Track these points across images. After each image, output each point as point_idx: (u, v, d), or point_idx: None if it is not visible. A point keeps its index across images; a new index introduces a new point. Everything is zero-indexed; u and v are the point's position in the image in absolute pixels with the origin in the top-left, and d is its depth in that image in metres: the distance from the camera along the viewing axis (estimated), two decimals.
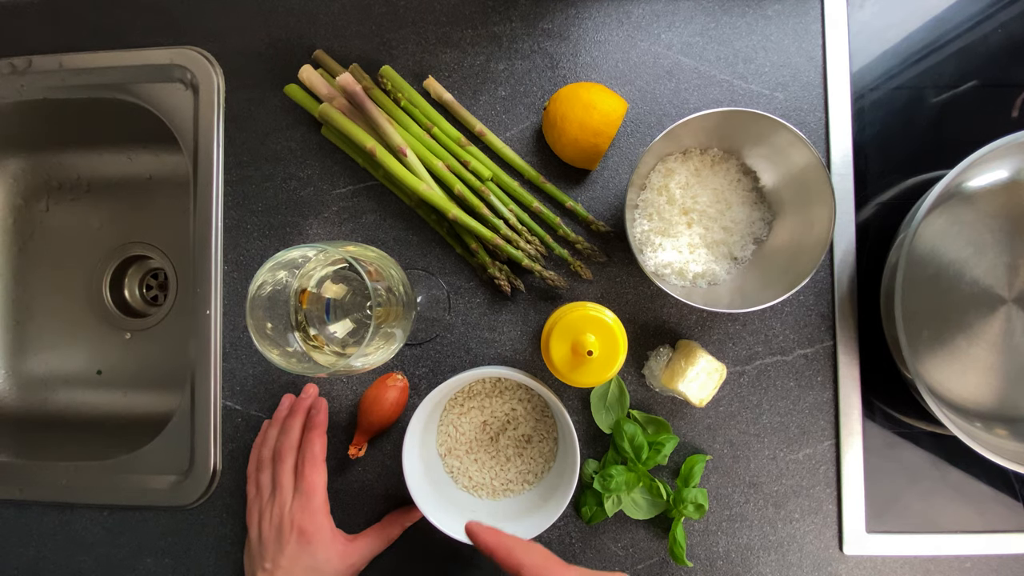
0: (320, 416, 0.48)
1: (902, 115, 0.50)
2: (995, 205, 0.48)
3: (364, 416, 0.48)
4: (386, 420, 0.49)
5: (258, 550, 0.45)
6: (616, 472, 0.46)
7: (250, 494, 0.47)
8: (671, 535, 0.47)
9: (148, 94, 0.54)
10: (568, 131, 0.47)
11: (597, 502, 0.48)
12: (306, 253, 0.36)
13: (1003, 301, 0.47)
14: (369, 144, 0.48)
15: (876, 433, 0.49)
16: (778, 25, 0.51)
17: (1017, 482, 0.49)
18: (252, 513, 0.46)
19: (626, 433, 0.47)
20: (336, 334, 0.40)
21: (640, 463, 0.47)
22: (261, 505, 0.46)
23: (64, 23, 0.54)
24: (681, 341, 0.49)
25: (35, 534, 0.53)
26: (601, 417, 0.49)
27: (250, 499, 0.47)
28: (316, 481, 0.45)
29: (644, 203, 0.48)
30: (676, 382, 0.46)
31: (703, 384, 0.46)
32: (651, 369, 0.49)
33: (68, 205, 0.64)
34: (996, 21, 0.50)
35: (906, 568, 0.49)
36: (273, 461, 0.47)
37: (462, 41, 0.52)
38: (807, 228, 0.44)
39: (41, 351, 0.64)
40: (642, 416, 0.49)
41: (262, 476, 0.47)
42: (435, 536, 0.44)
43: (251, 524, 0.46)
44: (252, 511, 0.46)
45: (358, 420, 0.49)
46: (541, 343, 0.45)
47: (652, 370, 0.49)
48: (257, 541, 0.45)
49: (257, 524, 0.45)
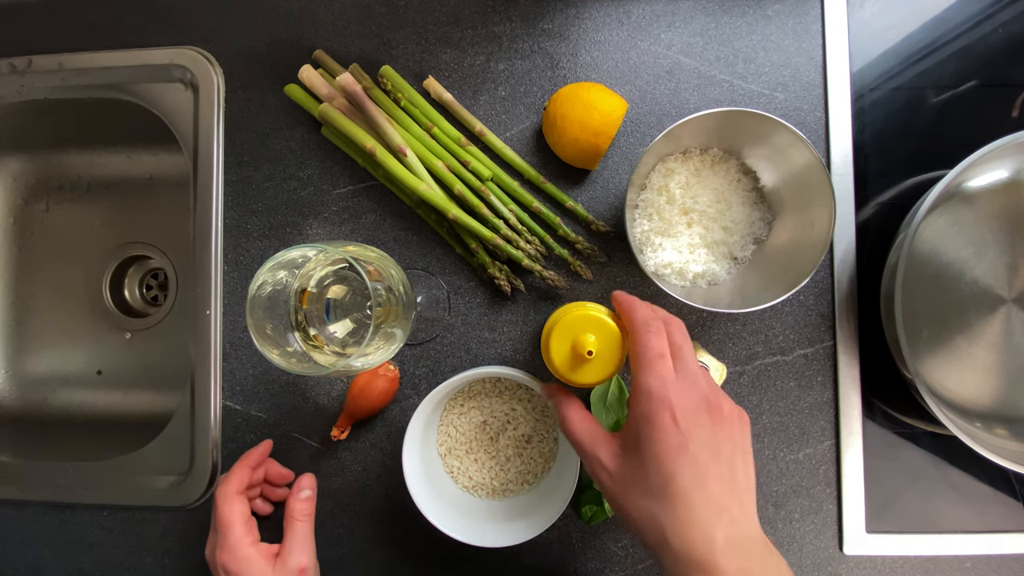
0: (250, 452, 0.47)
1: (902, 115, 0.50)
2: (995, 205, 0.48)
3: (352, 401, 0.49)
4: (372, 407, 0.49)
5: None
6: None
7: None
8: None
9: (148, 94, 0.54)
10: (568, 131, 0.47)
11: (597, 502, 0.48)
12: (306, 253, 0.36)
13: (1003, 301, 0.47)
14: (369, 144, 0.48)
15: (876, 433, 0.49)
16: (778, 25, 0.51)
17: (1017, 482, 0.49)
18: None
19: None
20: (336, 334, 0.40)
21: None
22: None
23: (64, 23, 0.54)
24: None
25: (35, 534, 0.53)
26: (601, 417, 0.49)
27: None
28: (226, 514, 0.43)
29: (644, 203, 0.48)
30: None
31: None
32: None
33: (68, 205, 0.64)
34: (996, 21, 0.50)
35: (906, 568, 0.49)
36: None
37: (462, 41, 0.52)
38: (807, 228, 0.44)
39: (41, 351, 0.64)
40: None
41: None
42: (435, 536, 0.44)
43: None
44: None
45: (345, 404, 0.49)
46: (541, 343, 0.45)
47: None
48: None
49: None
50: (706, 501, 0.29)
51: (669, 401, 0.31)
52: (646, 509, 0.30)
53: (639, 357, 0.33)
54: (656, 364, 0.32)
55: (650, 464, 0.30)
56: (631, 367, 0.34)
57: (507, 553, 0.50)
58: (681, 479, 0.29)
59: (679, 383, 0.32)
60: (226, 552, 0.42)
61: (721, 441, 0.31)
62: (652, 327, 0.34)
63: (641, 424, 0.31)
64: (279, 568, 0.43)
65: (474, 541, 0.44)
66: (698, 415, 0.31)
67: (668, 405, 0.30)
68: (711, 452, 0.30)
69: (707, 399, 0.32)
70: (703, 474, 0.30)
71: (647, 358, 0.33)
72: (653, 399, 0.31)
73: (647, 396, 0.31)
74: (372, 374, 0.49)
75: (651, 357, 0.32)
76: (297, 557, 0.44)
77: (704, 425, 0.31)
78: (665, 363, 0.32)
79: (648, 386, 0.31)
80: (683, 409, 0.31)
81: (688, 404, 0.31)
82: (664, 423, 0.30)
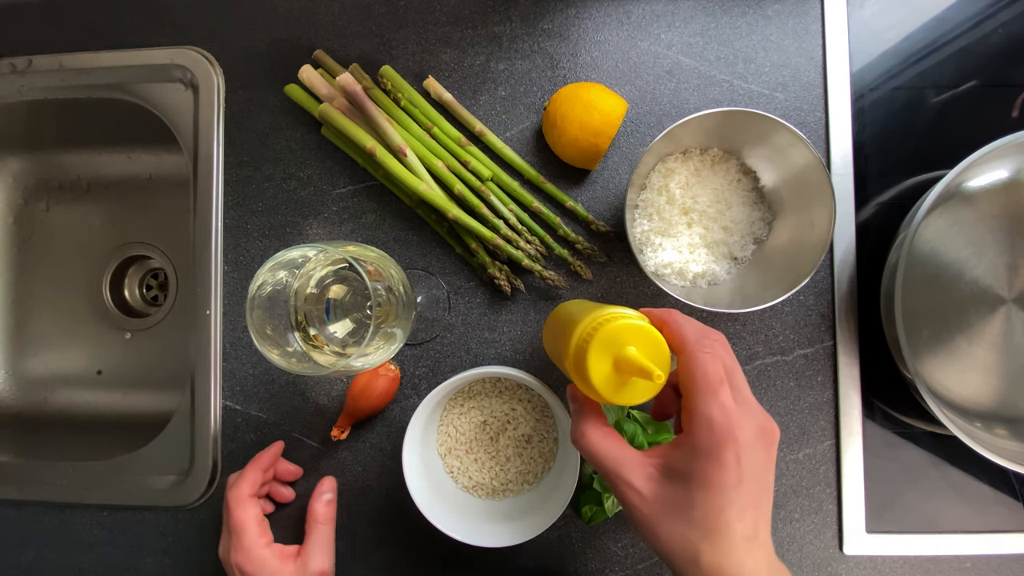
0: (262, 454, 0.48)
1: (902, 115, 0.50)
2: (995, 205, 0.48)
3: (352, 401, 0.48)
4: (373, 407, 0.49)
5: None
6: None
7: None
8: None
9: (148, 94, 0.54)
10: (568, 131, 0.47)
11: (597, 502, 0.47)
12: (306, 253, 0.36)
13: (1003, 301, 0.47)
14: (369, 144, 0.48)
15: (876, 433, 0.49)
16: (778, 25, 0.51)
17: (1017, 482, 0.49)
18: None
19: (626, 433, 0.47)
20: (336, 334, 0.40)
21: None
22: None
23: (64, 23, 0.54)
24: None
25: (35, 534, 0.53)
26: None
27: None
28: (242, 517, 0.44)
29: (644, 203, 0.48)
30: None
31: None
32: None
33: (68, 205, 0.64)
34: (996, 21, 0.50)
35: (906, 568, 0.49)
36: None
37: (462, 41, 0.52)
38: (807, 228, 0.44)
39: (41, 351, 0.64)
40: (641, 416, 0.49)
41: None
42: (435, 536, 0.44)
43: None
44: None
45: (345, 404, 0.49)
46: (543, 341, 0.43)
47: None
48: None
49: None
50: (744, 533, 0.29)
51: (734, 436, 0.29)
52: (680, 535, 0.29)
53: (698, 384, 0.30)
54: (719, 393, 0.30)
55: (697, 494, 0.29)
56: (682, 390, 0.31)
57: (507, 553, 0.50)
58: (729, 513, 0.29)
59: (739, 413, 0.30)
60: (241, 553, 0.43)
61: (769, 471, 0.30)
62: (707, 346, 0.31)
63: (699, 456, 0.29)
64: (299, 569, 0.44)
65: (474, 541, 0.44)
66: (756, 448, 0.29)
67: (732, 441, 0.29)
68: (759, 484, 0.30)
69: (763, 428, 0.30)
70: (747, 506, 0.29)
71: (709, 386, 0.30)
72: (715, 432, 0.29)
73: (708, 428, 0.29)
74: (372, 374, 0.49)
75: (713, 385, 0.30)
76: (319, 560, 0.45)
77: (759, 458, 0.30)
78: (726, 391, 0.30)
79: (710, 417, 0.29)
80: (745, 444, 0.29)
81: (749, 438, 0.29)
82: (727, 461, 0.29)
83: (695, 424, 0.30)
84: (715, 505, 0.29)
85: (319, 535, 0.46)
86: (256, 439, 0.51)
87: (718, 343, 0.32)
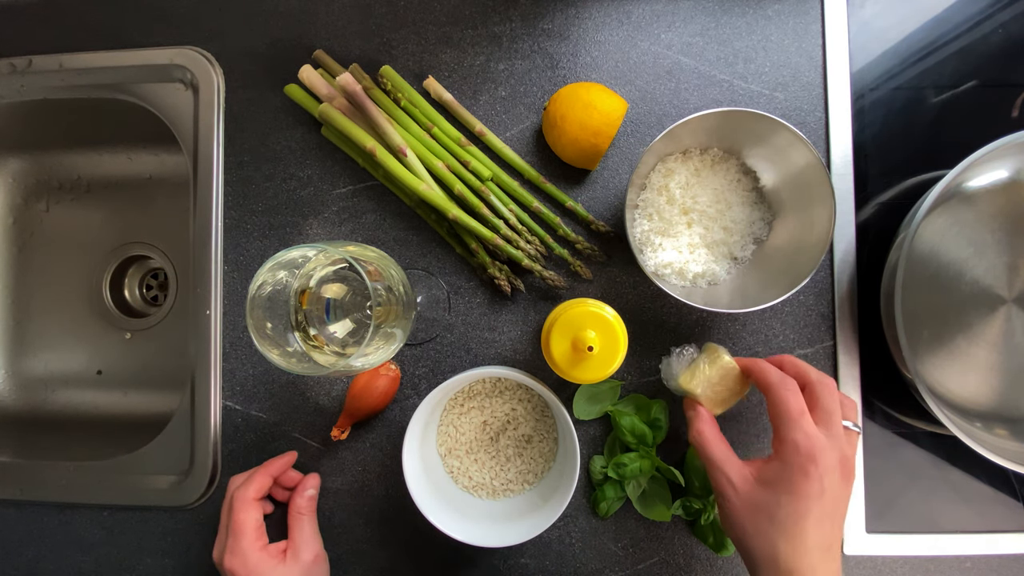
0: (273, 461, 0.48)
1: (902, 115, 0.50)
2: (995, 205, 0.48)
3: (352, 401, 0.48)
4: (373, 407, 0.49)
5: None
6: (628, 460, 0.47)
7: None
8: (706, 527, 0.47)
9: (148, 94, 0.54)
10: (568, 131, 0.47)
11: (614, 494, 0.48)
12: (306, 253, 0.36)
13: (1003, 301, 0.47)
14: (369, 144, 0.48)
15: (876, 433, 0.49)
16: (778, 25, 0.51)
17: (1017, 482, 0.49)
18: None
19: (624, 427, 0.47)
20: (336, 334, 0.40)
21: (649, 446, 0.47)
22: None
23: (64, 23, 0.54)
24: (709, 344, 0.45)
25: (35, 534, 0.53)
26: (585, 409, 0.49)
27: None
28: (242, 520, 0.44)
29: (644, 203, 0.48)
30: (695, 386, 0.43)
31: (724, 399, 0.44)
32: (669, 366, 0.46)
33: (68, 205, 0.64)
34: (996, 21, 0.50)
35: (906, 568, 0.49)
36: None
37: (462, 41, 0.52)
38: (807, 228, 0.44)
39: (41, 351, 0.64)
40: (625, 404, 0.49)
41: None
42: (435, 536, 0.44)
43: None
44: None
45: (345, 404, 0.49)
46: (541, 339, 0.45)
47: (671, 367, 0.46)
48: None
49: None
50: (820, 541, 0.35)
51: (815, 457, 0.36)
52: (766, 533, 0.36)
53: (782, 414, 0.37)
54: (801, 421, 0.37)
55: (783, 498, 0.36)
56: (772, 422, 0.38)
57: (507, 553, 0.50)
58: (808, 520, 0.35)
59: (823, 440, 0.36)
60: (236, 557, 0.44)
61: (845, 497, 0.37)
62: (787, 384, 0.38)
63: (787, 468, 0.36)
64: (291, 563, 0.45)
65: (474, 541, 0.44)
66: (835, 472, 0.36)
67: (814, 460, 0.36)
68: (837, 503, 0.36)
69: (845, 458, 0.37)
70: (825, 517, 0.36)
71: (790, 415, 0.37)
72: (800, 453, 0.36)
73: (794, 449, 0.36)
74: (372, 374, 0.49)
75: (794, 414, 0.37)
76: (309, 548, 0.46)
77: (837, 481, 0.36)
78: (807, 419, 0.37)
79: (796, 441, 0.36)
80: (825, 466, 0.36)
81: (830, 462, 0.36)
82: (812, 474, 0.36)
83: (784, 447, 0.37)
84: (797, 509, 0.35)
85: (303, 526, 0.47)
86: (256, 439, 0.51)
87: (824, 385, 0.39)
